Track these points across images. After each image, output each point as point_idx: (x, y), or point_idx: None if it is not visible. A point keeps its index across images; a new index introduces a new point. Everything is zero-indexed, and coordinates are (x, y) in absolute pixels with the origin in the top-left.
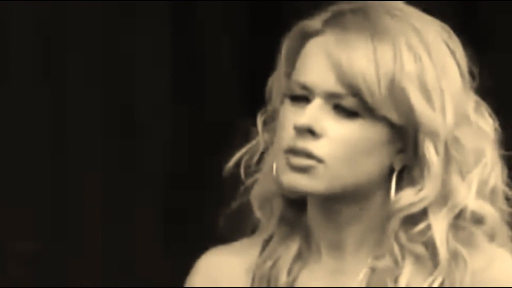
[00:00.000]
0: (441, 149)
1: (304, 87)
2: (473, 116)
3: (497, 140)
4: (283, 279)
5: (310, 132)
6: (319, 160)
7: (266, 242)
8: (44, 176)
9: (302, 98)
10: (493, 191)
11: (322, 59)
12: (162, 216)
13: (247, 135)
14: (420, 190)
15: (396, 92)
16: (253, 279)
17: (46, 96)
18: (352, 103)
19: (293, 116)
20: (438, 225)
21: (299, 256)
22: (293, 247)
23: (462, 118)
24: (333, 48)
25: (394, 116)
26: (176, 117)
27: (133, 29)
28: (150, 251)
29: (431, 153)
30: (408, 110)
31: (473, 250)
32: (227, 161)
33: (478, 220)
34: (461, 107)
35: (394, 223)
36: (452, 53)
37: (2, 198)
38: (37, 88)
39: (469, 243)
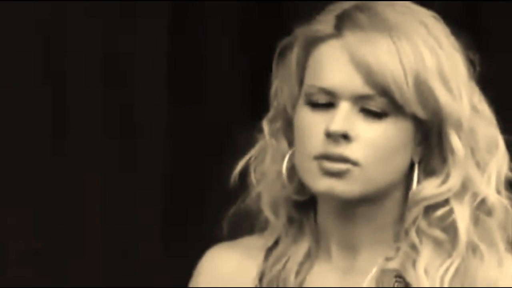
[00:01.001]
0: (464, 139)
1: (328, 91)
2: (479, 105)
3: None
4: (291, 280)
5: (343, 137)
6: (355, 164)
7: (274, 243)
8: (44, 176)
9: (324, 103)
10: (502, 181)
11: (344, 61)
12: (162, 216)
13: (248, 138)
14: (444, 180)
15: (422, 87)
16: (260, 280)
17: (46, 96)
18: (381, 104)
19: (319, 122)
20: (461, 210)
21: (308, 257)
22: (302, 247)
23: (472, 107)
24: (356, 49)
25: (420, 111)
26: (176, 117)
27: (133, 29)
28: (150, 251)
29: (457, 143)
30: (434, 104)
31: (490, 247)
32: (227, 162)
33: (489, 211)
34: (470, 96)
35: (416, 212)
36: (453, 43)
37: (2, 198)
38: (37, 88)
39: (487, 239)
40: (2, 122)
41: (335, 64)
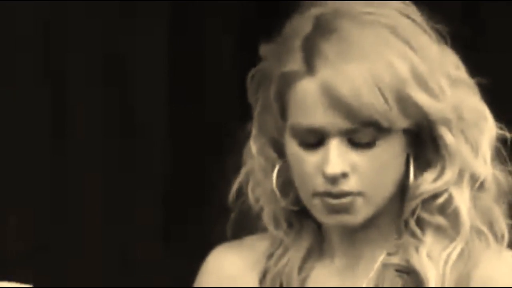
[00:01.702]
0: (455, 130)
1: (314, 131)
2: (457, 72)
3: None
4: (295, 276)
5: (342, 175)
6: (357, 194)
7: (277, 245)
8: (44, 176)
9: (313, 142)
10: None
11: (323, 100)
12: (162, 215)
13: (247, 138)
14: (440, 173)
15: (403, 102)
16: (260, 280)
17: (46, 96)
18: (368, 134)
19: (313, 161)
20: (460, 195)
21: (311, 254)
22: (304, 246)
23: (449, 81)
24: (332, 87)
25: (407, 124)
26: (176, 117)
27: (133, 29)
28: (150, 251)
29: (449, 138)
30: (418, 112)
31: (491, 228)
32: (227, 162)
33: (483, 188)
34: (445, 72)
35: (414, 204)
36: (419, 25)
37: (2, 198)
38: (37, 88)
39: (487, 218)
40: (2, 122)
41: (315, 103)
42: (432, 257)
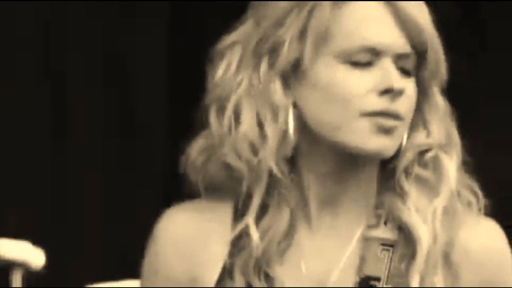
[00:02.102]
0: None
1: (372, 50)
2: None
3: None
4: (273, 252)
5: (398, 93)
6: (402, 119)
7: (240, 208)
8: (44, 176)
9: (365, 61)
10: None
11: (388, 20)
12: None
13: None
14: (429, 134)
15: (435, 46)
16: (230, 252)
17: (46, 96)
18: (413, 62)
19: (364, 80)
20: (448, 158)
21: (289, 228)
22: (284, 217)
23: None
24: (399, 9)
25: (429, 69)
26: (176, 117)
27: (133, 29)
28: None
29: (439, 97)
30: (438, 63)
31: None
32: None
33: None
34: None
35: (407, 160)
36: None
37: (2, 198)
38: (37, 88)
39: (469, 188)
40: (2, 122)
41: (378, 22)
42: (420, 211)
